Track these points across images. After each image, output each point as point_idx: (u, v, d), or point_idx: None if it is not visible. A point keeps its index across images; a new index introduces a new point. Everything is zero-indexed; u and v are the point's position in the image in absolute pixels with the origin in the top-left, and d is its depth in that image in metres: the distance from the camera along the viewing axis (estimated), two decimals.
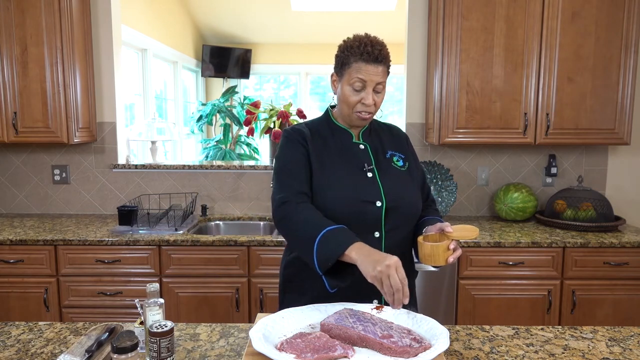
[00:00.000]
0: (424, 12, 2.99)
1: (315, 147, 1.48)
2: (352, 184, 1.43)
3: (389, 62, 1.43)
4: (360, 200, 1.41)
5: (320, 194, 1.43)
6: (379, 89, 1.42)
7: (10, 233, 2.59)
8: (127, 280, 2.53)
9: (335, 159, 1.47)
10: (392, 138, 1.57)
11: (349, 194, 1.42)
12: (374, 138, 1.54)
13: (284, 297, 1.55)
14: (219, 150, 5.67)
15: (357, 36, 1.44)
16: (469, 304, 2.53)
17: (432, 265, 1.33)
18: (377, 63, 1.39)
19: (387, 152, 1.52)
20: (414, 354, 1.05)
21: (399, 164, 1.51)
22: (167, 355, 1.13)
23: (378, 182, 1.44)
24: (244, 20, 6.10)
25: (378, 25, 6.05)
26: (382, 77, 1.41)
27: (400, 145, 1.56)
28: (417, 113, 3.08)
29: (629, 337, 1.38)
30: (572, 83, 2.67)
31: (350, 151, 1.49)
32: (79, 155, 3.09)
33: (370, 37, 1.43)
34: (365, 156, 1.48)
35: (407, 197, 1.46)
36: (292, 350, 1.06)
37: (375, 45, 1.40)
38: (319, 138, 1.50)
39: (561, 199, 2.83)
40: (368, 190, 1.43)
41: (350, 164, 1.47)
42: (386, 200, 1.42)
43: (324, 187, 1.43)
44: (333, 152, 1.48)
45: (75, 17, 2.74)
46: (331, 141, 1.50)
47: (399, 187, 1.46)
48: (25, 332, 1.41)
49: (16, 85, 2.66)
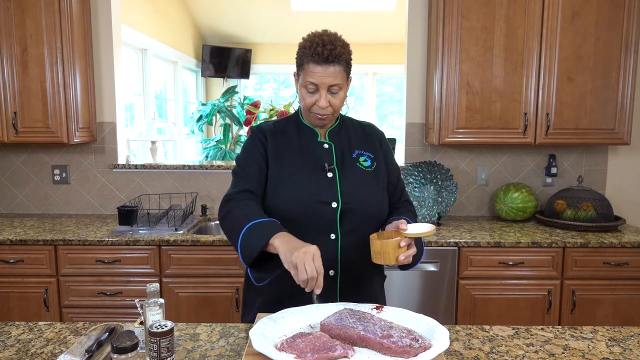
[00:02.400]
0: (424, 12, 2.99)
1: (275, 146, 1.47)
2: (308, 184, 1.41)
3: (346, 60, 1.37)
4: (314, 200, 1.39)
5: (275, 193, 1.42)
6: (334, 90, 1.38)
7: (10, 233, 2.59)
8: (127, 280, 2.53)
9: (295, 158, 1.45)
10: (363, 137, 1.53)
11: (303, 194, 1.40)
12: (342, 137, 1.51)
13: (246, 295, 1.56)
14: (219, 150, 5.67)
15: (311, 35, 1.40)
16: (469, 304, 2.53)
17: (383, 263, 1.29)
18: (328, 64, 1.34)
19: (354, 152, 1.49)
20: (414, 354, 1.05)
21: (365, 164, 1.48)
22: (167, 355, 1.13)
23: (337, 182, 1.42)
24: (244, 20, 6.10)
25: (378, 25, 6.06)
26: (335, 78, 1.36)
27: (371, 144, 1.53)
28: (417, 113, 3.08)
29: (629, 337, 1.38)
30: (572, 83, 2.67)
31: (312, 150, 1.46)
32: (79, 155, 3.09)
33: (324, 36, 1.37)
34: (328, 156, 1.46)
35: (366, 198, 1.43)
36: (292, 350, 1.06)
37: (326, 45, 1.34)
38: (284, 136, 1.49)
39: (561, 199, 2.84)
40: (324, 191, 1.40)
41: (310, 163, 1.44)
42: (342, 201, 1.40)
43: (279, 186, 1.42)
44: (295, 151, 1.46)
45: (75, 17, 2.74)
46: (296, 140, 1.48)
47: (359, 188, 1.43)
48: (25, 332, 1.41)
49: (16, 85, 2.66)
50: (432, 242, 2.48)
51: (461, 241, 2.49)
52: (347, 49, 1.39)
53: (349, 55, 1.39)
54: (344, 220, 1.40)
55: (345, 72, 1.39)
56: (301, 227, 1.38)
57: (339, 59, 1.35)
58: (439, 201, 2.88)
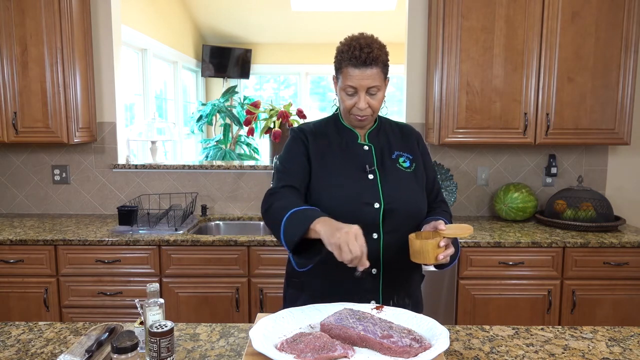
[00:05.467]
0: (424, 12, 2.99)
1: (317, 146, 1.49)
2: (351, 185, 1.43)
3: (383, 62, 1.40)
4: (357, 201, 1.41)
5: (318, 193, 1.44)
6: (373, 92, 1.40)
7: (10, 233, 2.59)
8: (127, 280, 2.53)
9: (336, 159, 1.48)
10: (402, 138, 1.56)
11: (347, 195, 1.42)
12: (381, 138, 1.53)
13: (287, 292, 1.57)
14: (219, 150, 5.67)
15: (348, 38, 1.42)
16: (469, 304, 2.53)
17: (422, 262, 1.31)
18: (366, 67, 1.37)
19: (393, 153, 1.51)
20: (414, 354, 1.05)
21: (404, 165, 1.50)
22: (167, 355, 1.13)
23: (378, 184, 1.44)
24: (244, 20, 6.10)
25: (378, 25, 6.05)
26: (373, 80, 1.38)
27: (409, 145, 1.55)
28: (417, 113, 3.08)
29: (629, 337, 1.38)
30: (572, 83, 2.67)
31: (353, 152, 1.49)
32: (79, 155, 3.09)
33: (360, 40, 1.40)
34: (368, 157, 1.48)
35: (407, 198, 1.45)
36: (292, 350, 1.06)
37: (364, 49, 1.37)
38: (324, 138, 1.51)
39: (561, 199, 2.84)
40: (366, 192, 1.43)
41: (352, 164, 1.47)
42: (384, 202, 1.42)
43: (322, 186, 1.45)
44: (336, 152, 1.49)
45: (75, 17, 2.74)
46: (336, 141, 1.51)
47: (400, 189, 1.45)
48: (25, 332, 1.41)
49: (16, 85, 2.66)
50: None
51: (461, 241, 2.49)
52: (384, 50, 1.41)
53: (386, 56, 1.42)
54: (386, 220, 1.42)
55: (383, 73, 1.41)
56: None
57: (376, 62, 1.37)
58: None
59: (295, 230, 1.26)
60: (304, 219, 1.26)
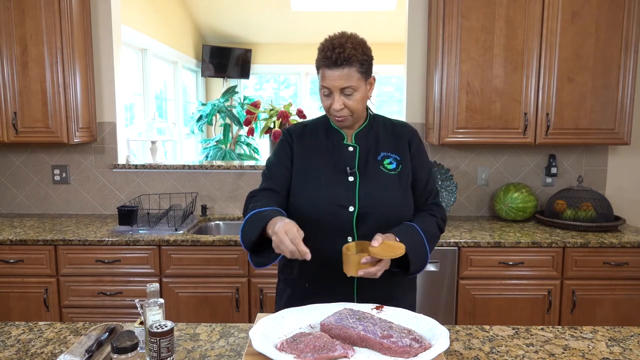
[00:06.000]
0: (424, 12, 2.99)
1: (302, 148, 1.50)
2: (328, 187, 1.43)
3: (360, 61, 1.36)
4: (331, 204, 1.40)
5: (296, 194, 1.46)
6: (348, 92, 1.38)
7: (10, 233, 2.59)
8: (127, 280, 2.53)
9: (320, 160, 1.47)
10: (392, 138, 1.52)
11: (321, 197, 1.42)
12: (370, 138, 1.50)
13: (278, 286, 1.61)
14: (219, 150, 5.67)
15: (326, 38, 1.41)
16: (469, 304, 2.53)
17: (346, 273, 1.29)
18: (337, 67, 1.35)
19: (379, 154, 1.48)
20: (414, 354, 1.05)
21: (389, 167, 1.47)
22: (167, 355, 1.13)
23: (356, 186, 1.43)
24: (244, 20, 6.10)
25: (378, 25, 6.05)
26: (347, 80, 1.36)
27: (399, 145, 1.51)
28: (417, 113, 3.08)
29: (629, 337, 1.38)
30: (572, 83, 2.67)
31: (338, 153, 1.47)
32: (79, 155, 3.09)
33: (334, 40, 1.38)
34: (351, 159, 1.46)
35: (385, 202, 1.42)
36: (292, 350, 1.06)
37: (336, 49, 1.35)
38: (313, 138, 1.51)
39: (561, 199, 2.83)
40: (342, 194, 1.42)
41: (334, 166, 1.46)
42: (359, 205, 1.40)
43: (300, 187, 1.46)
44: (322, 153, 1.48)
45: (75, 17, 2.74)
46: (323, 142, 1.50)
47: (379, 192, 1.43)
48: (25, 332, 1.41)
49: (16, 85, 2.66)
50: None
51: (461, 241, 2.49)
52: (360, 49, 1.37)
53: (364, 55, 1.37)
54: (361, 223, 1.41)
55: (360, 72, 1.37)
56: (319, 230, 1.41)
57: (348, 61, 1.35)
58: None
59: (252, 231, 1.30)
60: (260, 219, 1.30)
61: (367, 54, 1.39)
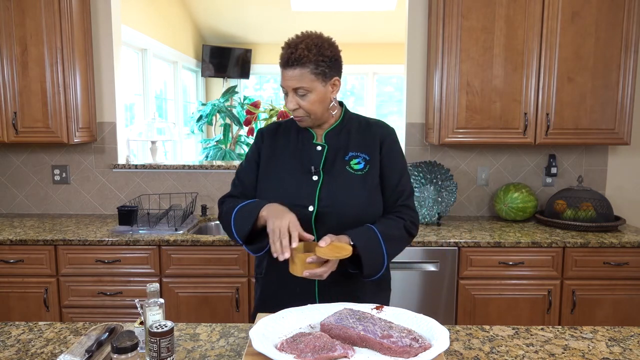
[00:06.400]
0: (424, 12, 2.99)
1: (271, 147, 1.51)
2: (289, 186, 1.43)
3: (314, 62, 1.33)
4: (290, 203, 1.38)
5: (260, 194, 1.48)
6: (301, 93, 1.36)
7: (10, 233, 2.59)
8: (127, 280, 2.53)
9: (285, 160, 1.48)
10: (364, 137, 1.48)
11: (281, 196, 1.41)
12: (341, 137, 1.48)
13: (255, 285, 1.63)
14: (219, 150, 5.67)
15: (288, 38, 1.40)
16: (469, 304, 2.53)
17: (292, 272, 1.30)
18: (289, 67, 1.34)
19: (348, 154, 1.46)
20: (414, 354, 1.05)
21: (355, 167, 1.44)
22: (167, 355, 1.13)
23: (318, 186, 1.42)
24: (244, 20, 6.10)
25: (378, 25, 6.06)
26: (299, 81, 1.34)
27: (370, 145, 1.47)
28: (417, 113, 3.08)
29: (629, 337, 1.38)
30: (572, 83, 2.67)
31: (306, 152, 1.47)
32: (79, 155, 3.09)
33: (291, 40, 1.36)
34: (318, 158, 1.45)
35: (346, 202, 1.41)
36: (292, 350, 1.06)
37: (290, 48, 1.34)
38: (284, 137, 1.52)
39: (561, 199, 2.83)
40: (303, 194, 1.41)
41: (300, 165, 1.45)
42: (318, 205, 1.40)
43: (264, 186, 1.48)
44: (289, 152, 1.49)
45: (75, 17, 2.74)
46: (293, 140, 1.50)
47: (341, 192, 1.41)
48: (25, 332, 1.41)
49: (16, 85, 2.66)
50: (432, 242, 2.48)
51: (461, 241, 2.49)
52: (315, 50, 1.34)
53: (319, 56, 1.34)
54: (320, 224, 1.40)
55: (314, 74, 1.34)
56: None
57: (299, 62, 1.33)
58: (439, 201, 2.88)
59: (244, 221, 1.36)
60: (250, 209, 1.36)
61: (324, 54, 1.35)
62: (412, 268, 2.52)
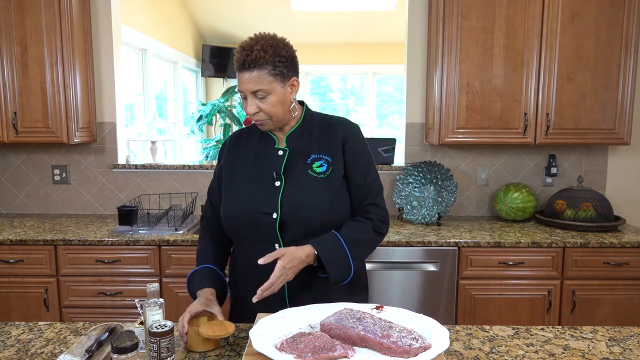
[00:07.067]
0: (424, 12, 2.99)
1: (233, 155, 1.49)
2: (252, 194, 1.40)
3: (272, 63, 1.31)
4: (254, 211, 1.37)
5: (223, 203, 1.46)
6: (260, 95, 1.33)
7: (10, 233, 2.59)
8: (127, 280, 2.53)
9: (249, 167, 1.45)
10: (326, 138, 1.44)
11: (244, 205, 1.39)
12: (303, 140, 1.44)
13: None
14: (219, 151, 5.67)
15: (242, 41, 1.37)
16: (469, 304, 2.53)
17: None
18: (245, 70, 1.31)
19: (310, 157, 1.42)
20: (414, 354, 1.05)
21: (318, 170, 1.40)
22: (167, 355, 1.13)
23: (280, 192, 1.39)
24: (244, 20, 6.10)
25: (378, 25, 6.05)
26: (257, 84, 1.30)
27: (332, 146, 1.43)
28: (417, 113, 3.08)
29: (629, 337, 1.38)
30: (572, 83, 2.67)
31: (268, 157, 1.44)
32: (79, 155, 3.09)
33: (245, 42, 1.33)
34: (279, 163, 1.41)
35: (310, 207, 1.37)
36: (292, 350, 1.06)
37: (245, 50, 1.31)
38: (247, 144, 1.49)
39: (561, 199, 2.83)
40: (265, 201, 1.38)
41: (262, 171, 1.42)
42: (281, 211, 1.37)
43: (227, 196, 1.45)
44: (251, 159, 1.46)
45: (75, 17, 2.74)
46: (257, 146, 1.47)
47: (303, 196, 1.38)
48: (25, 332, 1.41)
49: (16, 85, 2.66)
50: (432, 242, 2.48)
51: (461, 241, 2.49)
52: (271, 50, 1.31)
53: (276, 57, 1.31)
54: (285, 230, 1.38)
55: (272, 75, 1.31)
56: (244, 238, 1.43)
57: (256, 64, 1.29)
58: (439, 201, 2.88)
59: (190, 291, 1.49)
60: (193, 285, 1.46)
61: (280, 55, 1.33)
62: (412, 268, 2.52)
